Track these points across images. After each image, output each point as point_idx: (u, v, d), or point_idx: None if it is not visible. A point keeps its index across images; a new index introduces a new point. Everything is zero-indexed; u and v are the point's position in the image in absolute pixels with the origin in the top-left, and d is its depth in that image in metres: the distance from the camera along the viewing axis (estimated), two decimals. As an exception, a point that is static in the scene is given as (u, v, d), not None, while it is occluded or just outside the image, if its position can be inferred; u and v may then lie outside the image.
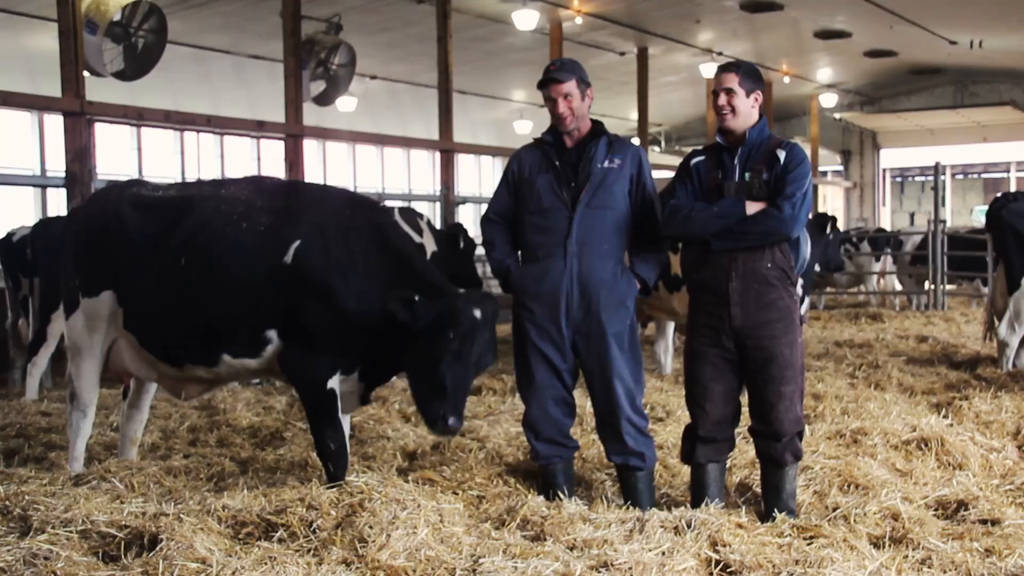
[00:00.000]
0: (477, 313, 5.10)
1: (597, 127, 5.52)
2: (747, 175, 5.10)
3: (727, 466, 5.51)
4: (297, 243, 5.36)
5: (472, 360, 5.14)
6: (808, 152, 31.28)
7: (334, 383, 5.41)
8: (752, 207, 5.03)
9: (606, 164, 5.39)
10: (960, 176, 40.80)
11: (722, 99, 5.14)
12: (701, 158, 5.29)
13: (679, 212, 5.16)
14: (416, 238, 10.57)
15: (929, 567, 4.43)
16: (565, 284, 5.35)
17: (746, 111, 5.14)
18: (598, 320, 5.38)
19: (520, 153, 5.63)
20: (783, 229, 5.01)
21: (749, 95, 5.14)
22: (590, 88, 5.50)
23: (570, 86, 5.39)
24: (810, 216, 5.27)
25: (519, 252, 5.59)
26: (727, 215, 5.05)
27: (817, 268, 12.32)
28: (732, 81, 5.12)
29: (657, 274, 5.59)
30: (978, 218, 33.80)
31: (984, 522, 5.03)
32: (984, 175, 41.34)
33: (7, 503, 4.86)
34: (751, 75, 5.18)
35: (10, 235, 10.32)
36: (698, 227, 5.12)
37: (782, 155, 5.07)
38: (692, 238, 5.22)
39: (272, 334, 5.43)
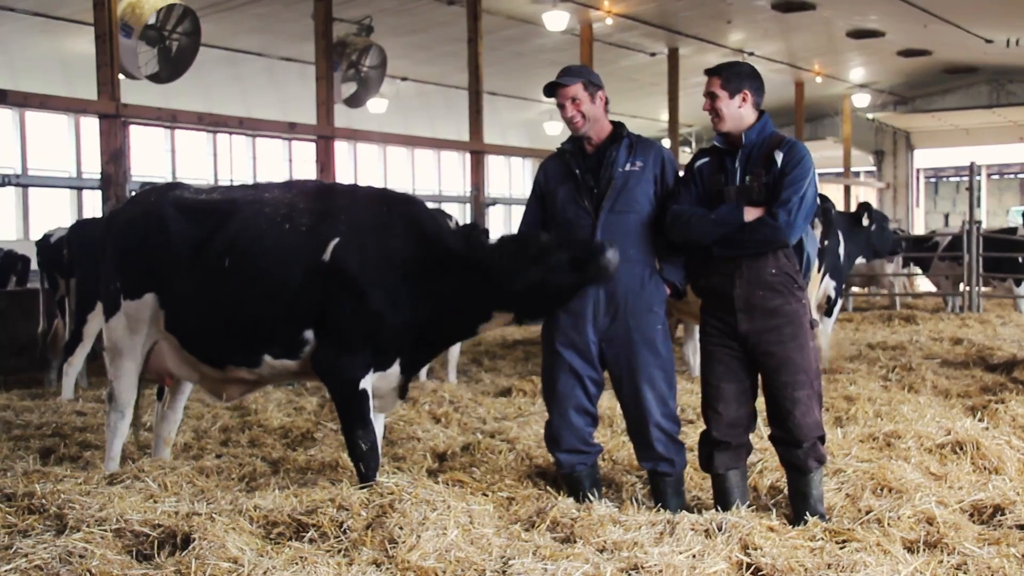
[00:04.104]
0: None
1: (618, 130, 5.42)
2: (747, 179, 5.02)
3: (748, 471, 5.46)
4: (336, 241, 5.39)
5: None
6: (840, 152, 30.80)
7: (367, 383, 5.42)
8: (751, 213, 4.95)
9: (628, 167, 5.30)
10: (996, 176, 40.41)
11: (707, 105, 5.07)
12: (704, 160, 5.20)
13: (679, 218, 5.09)
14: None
15: (965, 572, 4.36)
16: (591, 291, 5.27)
17: (733, 113, 5.03)
18: (625, 326, 5.31)
19: (545, 164, 5.58)
20: (779, 237, 4.93)
21: (734, 96, 5.02)
22: (601, 90, 5.38)
23: (575, 89, 5.31)
24: (814, 217, 5.18)
25: None
26: (725, 223, 4.98)
27: (862, 260, 12.12)
28: (714, 85, 5.02)
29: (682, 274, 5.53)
30: (1014, 219, 33.45)
31: (1021, 527, 4.93)
32: (1021, 175, 40.90)
33: (43, 501, 4.91)
34: (736, 75, 5.05)
35: (47, 236, 10.40)
36: (696, 234, 5.06)
37: (779, 157, 4.97)
38: (692, 244, 5.16)
39: (309, 334, 5.45)
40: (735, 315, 5.03)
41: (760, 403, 5.27)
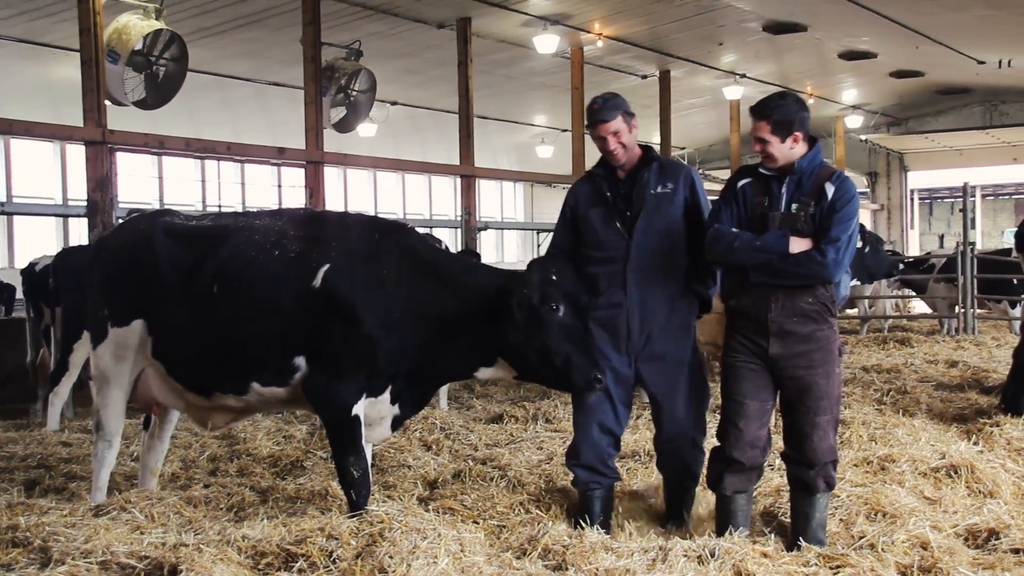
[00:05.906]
0: (552, 275, 5.09)
1: (648, 153, 5.57)
2: (794, 206, 4.97)
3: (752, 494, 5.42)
4: (326, 267, 5.37)
5: (581, 313, 5.12)
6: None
7: (359, 409, 5.37)
8: (796, 244, 4.91)
9: (659, 189, 5.46)
10: (990, 197, 40.59)
11: (757, 147, 5.05)
12: (748, 180, 5.14)
13: (722, 240, 5.04)
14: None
15: (961, 598, 4.32)
16: (624, 311, 5.40)
17: (785, 154, 4.99)
18: (662, 347, 5.47)
19: (575, 188, 5.74)
20: (824, 274, 4.91)
21: (785, 140, 4.96)
22: (635, 118, 5.55)
23: (617, 123, 5.44)
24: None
25: None
26: (769, 250, 4.93)
27: (856, 282, 12.13)
28: (763, 131, 4.98)
29: (713, 291, 5.62)
30: (1009, 240, 33.54)
31: (1016, 551, 4.92)
32: (1015, 196, 41.08)
33: (28, 534, 4.86)
34: (785, 119, 4.94)
35: (32, 265, 10.32)
36: (738, 257, 5.02)
37: (831, 190, 4.93)
38: (731, 267, 5.14)
39: (300, 361, 5.41)
40: (767, 338, 5.02)
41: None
